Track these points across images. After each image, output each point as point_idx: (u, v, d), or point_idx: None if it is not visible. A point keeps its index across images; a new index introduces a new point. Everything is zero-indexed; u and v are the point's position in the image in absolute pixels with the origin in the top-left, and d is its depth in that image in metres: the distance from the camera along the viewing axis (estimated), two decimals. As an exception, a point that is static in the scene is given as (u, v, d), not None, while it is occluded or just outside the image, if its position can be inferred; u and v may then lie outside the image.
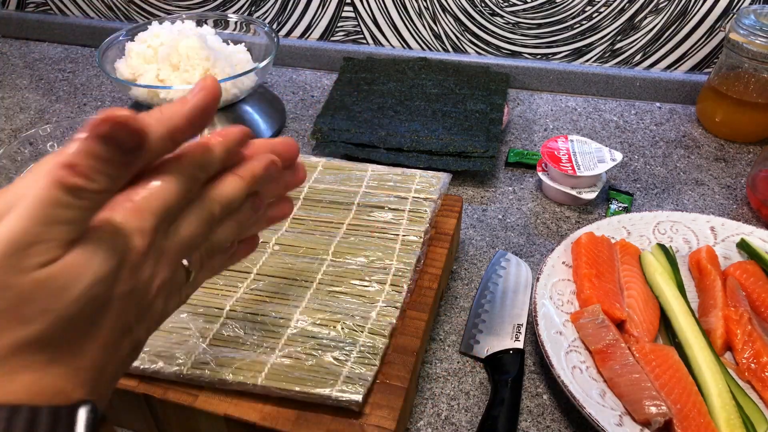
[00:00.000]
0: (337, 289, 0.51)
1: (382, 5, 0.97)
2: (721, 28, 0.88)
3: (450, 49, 0.99)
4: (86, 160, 0.23)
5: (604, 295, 0.56)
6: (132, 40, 0.85)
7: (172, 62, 0.81)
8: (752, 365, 0.51)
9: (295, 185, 0.37)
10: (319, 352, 0.45)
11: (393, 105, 0.87)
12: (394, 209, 0.58)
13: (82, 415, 0.24)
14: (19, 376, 0.24)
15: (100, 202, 0.25)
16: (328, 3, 0.99)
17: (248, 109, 0.85)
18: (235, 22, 0.92)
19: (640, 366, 0.50)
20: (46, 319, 0.24)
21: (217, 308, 0.49)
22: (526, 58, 0.97)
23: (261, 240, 0.56)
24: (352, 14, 1.00)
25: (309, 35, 1.04)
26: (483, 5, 0.93)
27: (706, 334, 0.53)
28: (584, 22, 0.91)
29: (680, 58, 0.92)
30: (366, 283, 0.51)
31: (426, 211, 0.58)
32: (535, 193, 0.76)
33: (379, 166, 0.64)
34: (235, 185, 0.31)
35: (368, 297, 0.50)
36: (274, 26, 1.04)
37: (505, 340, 0.56)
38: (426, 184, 0.61)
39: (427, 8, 0.96)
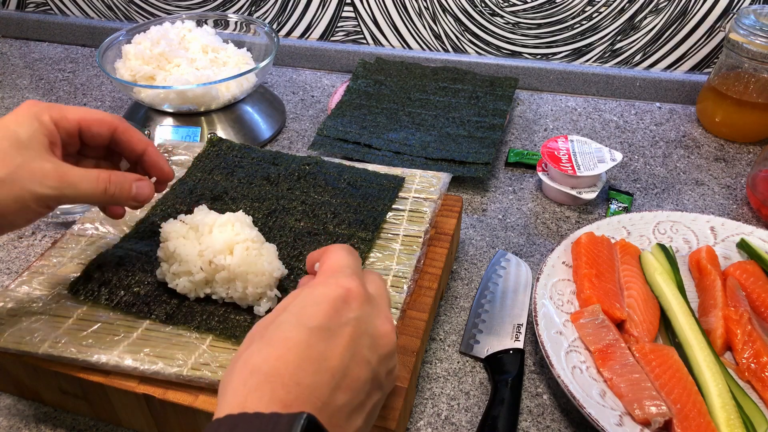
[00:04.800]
0: (337, 289, 0.51)
1: (382, 5, 0.97)
2: (721, 28, 0.88)
3: (450, 49, 0.99)
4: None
5: (604, 295, 0.56)
6: (129, 42, 0.85)
7: (171, 62, 0.81)
8: (752, 365, 0.51)
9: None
10: (319, 352, 0.45)
11: (395, 110, 0.87)
12: (394, 209, 0.58)
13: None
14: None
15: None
16: (328, 3, 1.00)
17: (248, 109, 0.85)
18: (235, 22, 0.92)
19: (640, 366, 0.50)
20: None
21: (217, 308, 0.49)
22: (526, 58, 0.97)
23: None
24: (352, 14, 1.00)
25: (309, 35, 1.04)
26: (483, 5, 0.93)
27: (706, 334, 0.53)
28: (584, 22, 0.91)
29: (680, 58, 0.92)
30: (366, 283, 0.51)
31: (426, 211, 0.58)
32: (535, 193, 0.76)
33: (379, 166, 0.64)
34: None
35: (368, 297, 0.50)
36: (274, 26, 1.04)
37: (505, 340, 0.56)
38: (426, 184, 0.61)
39: (427, 8, 0.96)
